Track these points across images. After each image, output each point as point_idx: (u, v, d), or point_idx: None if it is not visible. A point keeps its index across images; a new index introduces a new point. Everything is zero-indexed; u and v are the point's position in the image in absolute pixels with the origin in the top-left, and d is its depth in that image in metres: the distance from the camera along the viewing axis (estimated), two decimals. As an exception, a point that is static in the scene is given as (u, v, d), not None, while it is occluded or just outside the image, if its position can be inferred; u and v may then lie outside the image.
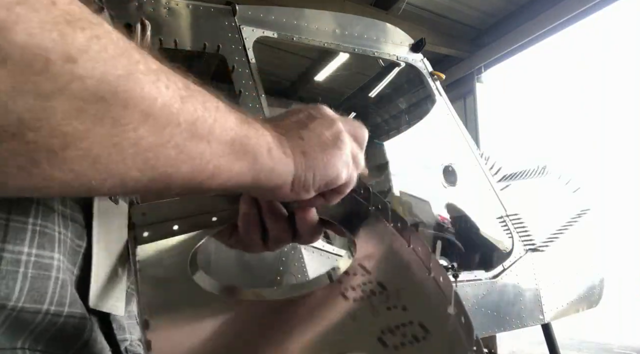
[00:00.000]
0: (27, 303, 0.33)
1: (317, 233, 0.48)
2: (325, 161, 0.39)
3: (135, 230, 0.43)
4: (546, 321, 2.37)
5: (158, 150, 0.27)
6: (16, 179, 0.23)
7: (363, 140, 0.45)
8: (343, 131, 0.41)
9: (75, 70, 0.22)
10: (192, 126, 0.29)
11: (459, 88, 7.52)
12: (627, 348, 5.26)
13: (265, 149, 0.35)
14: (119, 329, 0.46)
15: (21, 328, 0.33)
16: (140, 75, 0.25)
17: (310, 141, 0.39)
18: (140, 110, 0.25)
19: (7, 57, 0.20)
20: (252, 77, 1.81)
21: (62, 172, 0.24)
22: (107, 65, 0.23)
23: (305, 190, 0.39)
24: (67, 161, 0.23)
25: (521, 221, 2.40)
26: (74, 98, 0.22)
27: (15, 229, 0.33)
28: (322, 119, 0.41)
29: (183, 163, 0.29)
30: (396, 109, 8.32)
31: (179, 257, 0.42)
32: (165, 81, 0.27)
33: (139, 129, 0.25)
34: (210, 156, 0.31)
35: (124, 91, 0.24)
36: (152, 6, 1.69)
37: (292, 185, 0.38)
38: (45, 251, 0.35)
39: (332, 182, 0.41)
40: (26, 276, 0.33)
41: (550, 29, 6.22)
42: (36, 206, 0.35)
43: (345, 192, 0.44)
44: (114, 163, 0.25)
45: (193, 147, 0.29)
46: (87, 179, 0.25)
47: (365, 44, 2.22)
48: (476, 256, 2.77)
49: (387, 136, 7.12)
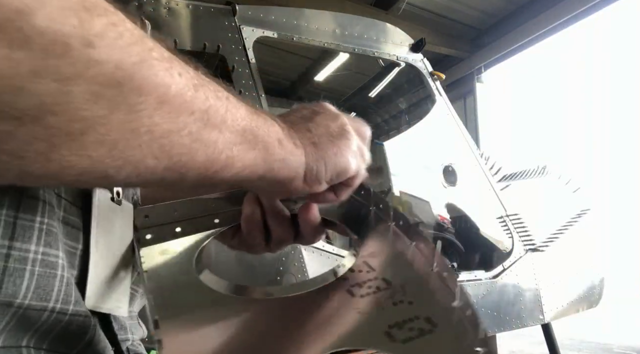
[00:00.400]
0: (34, 300, 0.33)
1: (319, 234, 0.48)
2: (335, 151, 0.40)
3: (138, 232, 0.43)
4: (546, 321, 2.36)
5: (172, 137, 0.27)
6: (35, 165, 0.23)
7: (366, 135, 0.45)
8: (348, 124, 0.42)
9: (93, 56, 0.22)
10: (205, 114, 0.29)
11: (459, 88, 7.52)
12: (626, 348, 5.26)
13: (276, 139, 0.35)
14: (120, 329, 0.46)
15: (27, 326, 0.33)
16: (155, 62, 0.26)
17: (318, 132, 0.40)
18: (155, 96, 0.26)
19: (29, 41, 0.20)
20: (252, 77, 1.81)
21: (79, 158, 0.24)
22: (123, 51, 0.24)
23: (318, 181, 0.39)
24: (85, 146, 0.24)
25: (521, 221, 2.40)
26: (92, 83, 0.23)
27: (22, 227, 0.33)
28: (326, 113, 0.42)
29: (197, 152, 0.29)
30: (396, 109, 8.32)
31: (184, 257, 0.42)
32: (178, 69, 0.28)
33: (153, 115, 0.26)
34: (223, 145, 0.31)
35: (139, 77, 0.25)
36: (152, 6, 1.69)
37: (305, 177, 0.38)
38: (51, 249, 0.35)
39: (343, 174, 0.41)
40: (33, 274, 0.33)
41: (550, 29, 6.22)
42: (43, 204, 0.35)
43: (354, 185, 0.44)
44: (130, 149, 0.26)
45: (206, 135, 0.30)
46: (103, 166, 0.25)
47: (365, 44, 2.22)
48: (476, 256, 2.77)
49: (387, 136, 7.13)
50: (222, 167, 0.32)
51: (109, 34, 0.23)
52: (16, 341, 0.33)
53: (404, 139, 2.33)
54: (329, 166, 0.39)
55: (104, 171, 0.26)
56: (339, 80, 7.83)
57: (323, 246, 1.80)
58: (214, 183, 0.33)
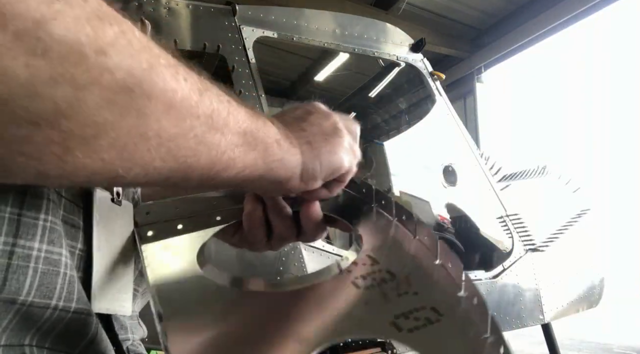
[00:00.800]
0: (37, 297, 0.33)
1: (321, 230, 0.49)
2: (329, 149, 0.41)
3: (139, 229, 0.43)
4: (546, 321, 2.36)
5: (179, 140, 0.29)
6: (51, 167, 0.24)
7: (356, 133, 0.47)
8: (339, 122, 0.44)
9: (106, 63, 0.23)
10: (209, 118, 0.30)
11: (459, 88, 7.52)
12: (626, 348, 5.26)
13: (274, 139, 0.37)
14: (120, 329, 0.46)
15: (29, 324, 0.34)
16: (162, 68, 0.27)
17: (312, 132, 0.41)
18: (163, 101, 0.27)
19: (47, 49, 0.21)
20: (252, 77, 1.81)
21: (92, 161, 0.25)
22: (134, 58, 0.25)
23: (314, 179, 0.41)
24: (97, 150, 0.25)
25: (521, 221, 2.40)
26: (105, 89, 0.24)
27: (26, 224, 0.33)
28: (319, 113, 0.44)
29: (201, 154, 0.30)
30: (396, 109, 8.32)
31: (186, 253, 0.43)
32: (184, 74, 0.29)
33: (161, 119, 0.27)
34: (225, 147, 0.32)
35: (148, 83, 0.26)
36: (152, 6, 1.69)
37: (301, 175, 0.40)
38: (54, 247, 0.35)
39: (337, 170, 0.42)
40: (36, 271, 0.33)
41: (550, 29, 6.23)
42: (47, 202, 0.36)
43: (346, 181, 0.46)
44: (140, 152, 0.27)
45: (210, 138, 0.31)
46: (114, 168, 0.26)
47: (365, 44, 2.22)
48: (476, 256, 2.77)
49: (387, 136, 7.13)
50: (224, 168, 0.33)
51: (120, 42, 0.24)
52: (19, 339, 0.33)
53: (404, 139, 2.33)
54: (323, 164, 0.41)
55: (114, 172, 0.27)
56: (339, 80, 7.83)
57: (323, 246, 1.80)
58: (215, 183, 0.34)
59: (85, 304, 0.38)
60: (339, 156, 0.42)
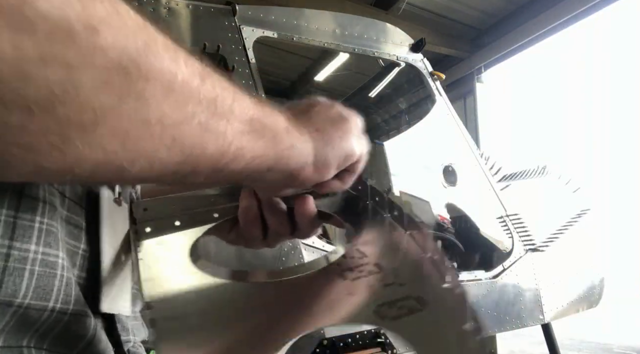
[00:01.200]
0: (34, 300, 0.33)
1: (315, 226, 0.49)
2: (340, 134, 0.40)
3: (137, 225, 0.43)
4: (546, 321, 2.36)
5: (183, 128, 0.27)
6: (50, 159, 0.23)
7: (359, 122, 0.46)
8: (344, 110, 0.43)
9: (98, 42, 0.22)
10: (212, 103, 0.29)
11: (459, 88, 7.52)
12: (626, 348, 5.27)
13: (282, 127, 0.36)
14: (122, 330, 0.46)
15: (27, 326, 0.34)
16: (160, 50, 0.26)
17: (319, 119, 0.40)
18: (162, 84, 0.25)
19: (32, 25, 0.20)
20: (252, 77, 1.81)
21: (93, 150, 0.24)
22: (128, 38, 0.24)
23: (327, 168, 0.40)
24: (98, 138, 0.24)
25: (521, 221, 2.40)
26: (99, 70, 0.22)
27: (22, 226, 0.33)
28: (321, 104, 0.43)
29: (207, 143, 0.29)
30: (396, 109, 8.32)
31: (180, 248, 0.43)
32: (183, 58, 0.28)
33: (162, 104, 0.26)
34: (232, 135, 0.31)
35: (145, 64, 0.24)
36: (152, 6, 1.69)
37: (315, 165, 0.39)
38: (51, 249, 0.35)
39: (349, 157, 0.41)
40: (33, 273, 0.33)
41: (550, 29, 6.23)
42: (43, 204, 0.35)
43: (358, 170, 0.45)
44: (142, 140, 0.26)
45: (215, 125, 0.29)
46: (117, 159, 0.25)
47: (365, 44, 2.22)
48: (476, 256, 2.77)
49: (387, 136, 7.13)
50: (232, 159, 0.32)
51: (113, 19, 0.23)
52: (17, 341, 0.33)
53: (404, 139, 2.33)
54: (336, 150, 0.40)
55: (118, 164, 0.26)
56: (339, 80, 7.83)
57: (323, 246, 1.80)
58: (224, 175, 0.33)
59: (84, 306, 0.38)
60: (350, 141, 0.41)
